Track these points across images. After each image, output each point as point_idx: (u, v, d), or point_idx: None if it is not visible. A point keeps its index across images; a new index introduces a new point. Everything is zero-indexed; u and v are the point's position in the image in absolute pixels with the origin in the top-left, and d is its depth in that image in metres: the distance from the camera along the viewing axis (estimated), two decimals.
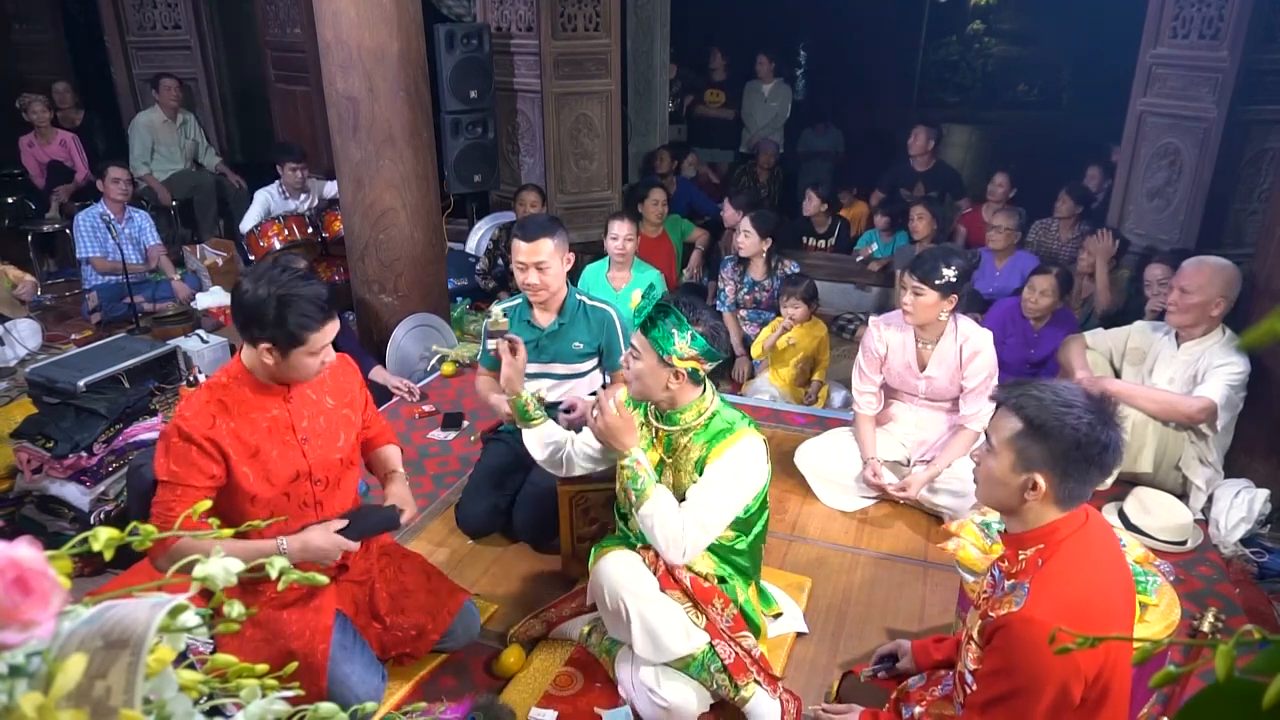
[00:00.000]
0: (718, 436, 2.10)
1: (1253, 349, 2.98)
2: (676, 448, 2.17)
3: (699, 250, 5.46)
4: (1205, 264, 3.07)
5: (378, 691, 2.13)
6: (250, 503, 2.00)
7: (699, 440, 2.13)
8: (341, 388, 2.20)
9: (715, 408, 2.16)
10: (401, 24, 3.88)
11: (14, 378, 4.24)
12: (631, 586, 2.08)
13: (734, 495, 2.09)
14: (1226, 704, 0.49)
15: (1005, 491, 1.58)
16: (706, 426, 2.13)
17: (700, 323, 2.05)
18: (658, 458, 2.20)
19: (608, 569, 2.12)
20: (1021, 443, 1.53)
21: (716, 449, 2.09)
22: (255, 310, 1.90)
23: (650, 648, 2.07)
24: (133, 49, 6.94)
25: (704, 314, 2.08)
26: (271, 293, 1.89)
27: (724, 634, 2.12)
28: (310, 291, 1.93)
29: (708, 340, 2.06)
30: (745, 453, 2.09)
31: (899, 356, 3.14)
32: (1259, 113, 4.30)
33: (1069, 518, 1.55)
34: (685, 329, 2.04)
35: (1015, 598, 1.49)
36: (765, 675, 2.15)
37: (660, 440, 2.20)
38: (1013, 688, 1.46)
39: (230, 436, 1.95)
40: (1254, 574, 2.89)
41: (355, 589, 2.23)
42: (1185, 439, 3.08)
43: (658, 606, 2.07)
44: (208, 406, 1.96)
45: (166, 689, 0.65)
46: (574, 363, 2.91)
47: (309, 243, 5.13)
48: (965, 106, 10.31)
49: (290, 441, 2.03)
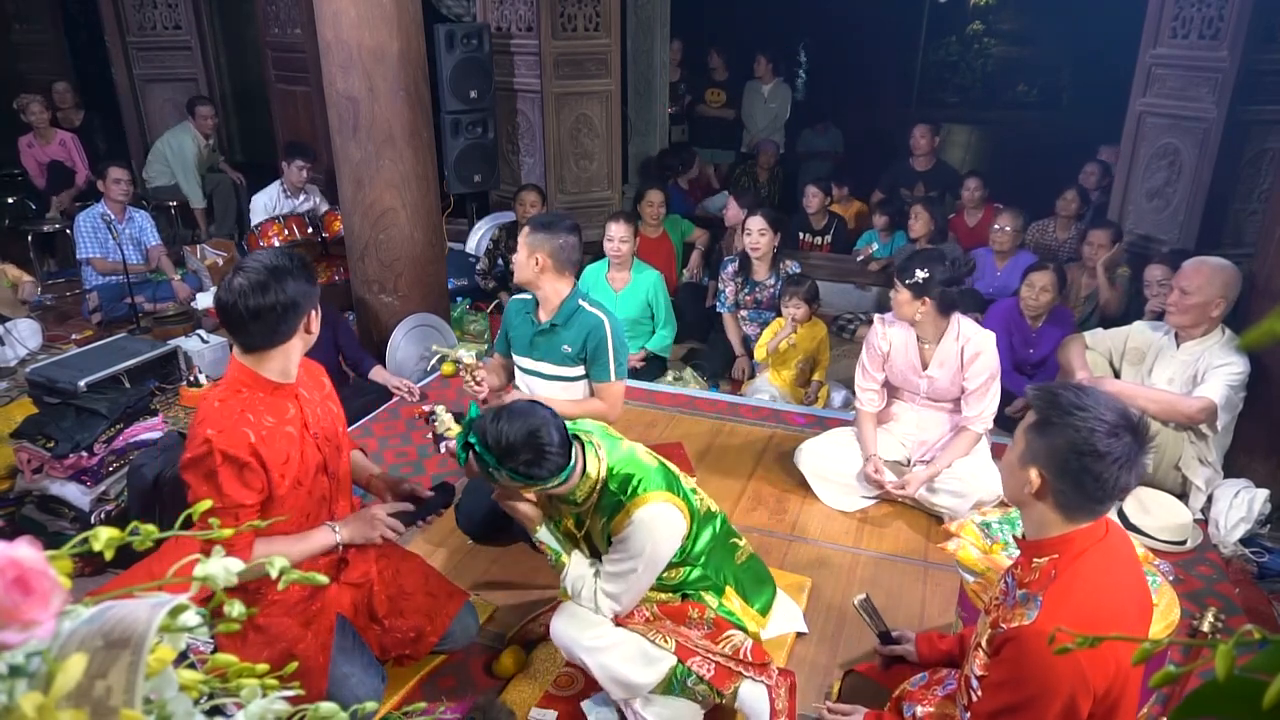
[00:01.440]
0: (615, 511, 2.03)
1: (1252, 349, 2.98)
2: (584, 522, 2.15)
3: (699, 250, 5.47)
4: (1205, 264, 3.07)
5: (377, 692, 2.13)
6: (285, 501, 1.95)
7: (600, 516, 2.08)
8: (317, 381, 2.17)
9: (600, 479, 2.03)
10: (401, 24, 3.88)
11: (14, 378, 4.24)
12: (584, 643, 2.07)
13: (642, 565, 2.02)
14: (1225, 700, 0.49)
15: (1012, 483, 1.59)
16: (599, 504, 2.06)
17: (508, 459, 1.89)
18: (569, 528, 2.18)
19: (559, 629, 2.12)
20: (1030, 435, 1.54)
21: (615, 523, 2.03)
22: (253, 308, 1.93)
23: (620, 689, 2.07)
24: (133, 49, 6.94)
25: (514, 441, 1.88)
26: (275, 284, 1.90)
27: (698, 649, 2.08)
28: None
29: (522, 474, 1.91)
30: (642, 525, 1.99)
31: (901, 355, 3.15)
32: (1259, 113, 4.30)
33: (1086, 531, 1.52)
34: (501, 470, 1.92)
35: (1027, 610, 1.47)
36: (753, 667, 2.11)
37: (569, 516, 2.17)
38: (1019, 700, 1.45)
39: (266, 447, 1.89)
40: (1254, 574, 2.89)
41: (354, 591, 2.23)
42: (1185, 439, 3.08)
43: (613, 651, 2.05)
44: (239, 422, 1.86)
45: (167, 689, 0.65)
46: (562, 365, 2.89)
47: (309, 243, 5.14)
48: (965, 106, 10.32)
49: (307, 438, 2.02)
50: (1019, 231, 4.69)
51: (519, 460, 1.89)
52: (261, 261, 1.90)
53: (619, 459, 2.07)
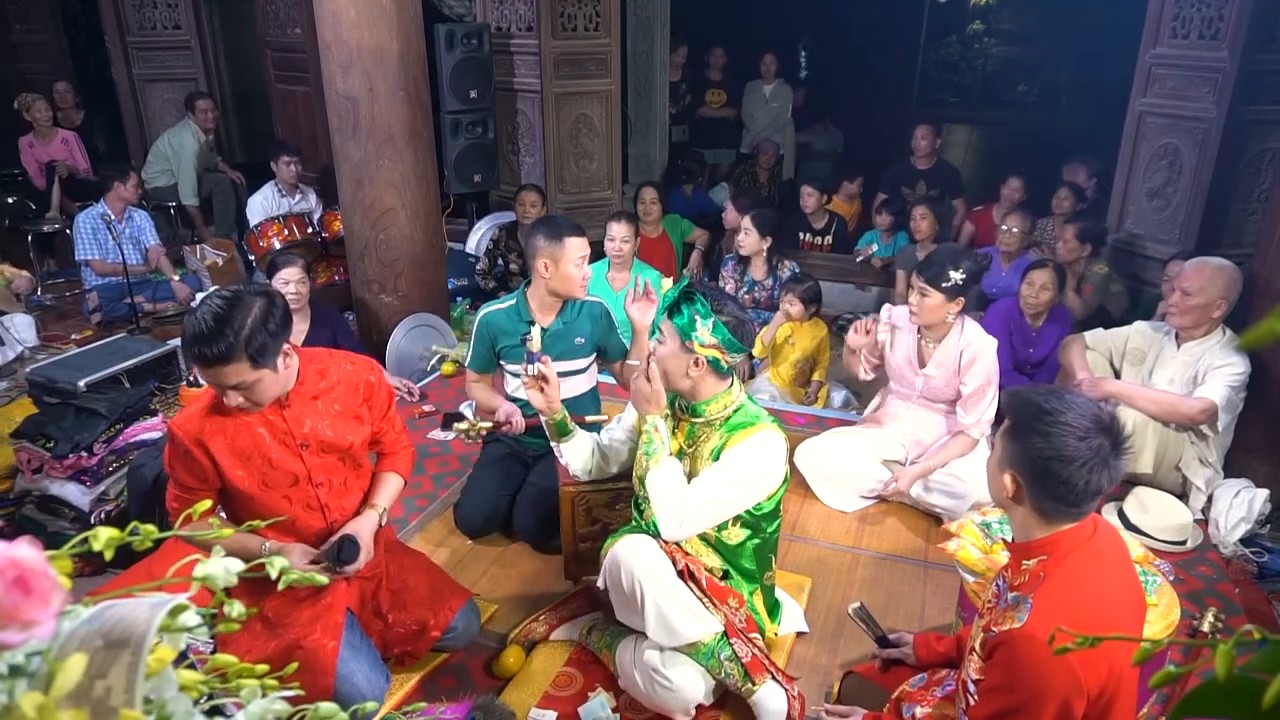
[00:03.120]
0: (737, 428, 2.11)
1: (1252, 349, 2.98)
2: (697, 439, 2.17)
3: (699, 250, 5.47)
4: (1206, 265, 3.06)
5: (381, 690, 2.13)
6: (250, 503, 2.01)
7: (719, 431, 2.13)
8: (352, 391, 2.13)
9: (740, 403, 2.16)
10: (401, 24, 3.88)
11: (14, 378, 4.24)
12: (648, 569, 2.06)
13: (744, 483, 2.07)
14: (1225, 699, 0.49)
15: (993, 487, 1.62)
16: (729, 420, 2.14)
17: (724, 312, 2.06)
18: (678, 446, 2.21)
19: (624, 551, 2.10)
20: (1004, 440, 1.56)
21: (734, 438, 2.09)
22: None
23: (663, 632, 2.07)
24: (133, 49, 6.94)
25: (729, 305, 2.09)
26: (192, 311, 1.89)
27: (740, 633, 2.12)
28: (199, 337, 1.81)
29: (730, 330, 2.05)
30: (762, 444, 2.08)
31: (901, 350, 3.15)
32: (1259, 113, 4.30)
33: (1071, 532, 1.53)
34: (708, 316, 2.04)
35: (1018, 613, 1.48)
36: (780, 672, 2.16)
37: (682, 430, 2.21)
38: (1014, 704, 1.45)
39: (220, 441, 1.96)
40: (1254, 574, 2.89)
41: (364, 584, 2.23)
42: (1185, 439, 3.08)
43: (672, 590, 2.06)
44: (201, 411, 1.98)
45: (167, 689, 0.66)
46: (577, 358, 2.93)
47: (309, 243, 5.14)
48: (965, 106, 10.31)
49: (289, 446, 2.02)
50: (1027, 233, 4.67)
51: (729, 317, 2.05)
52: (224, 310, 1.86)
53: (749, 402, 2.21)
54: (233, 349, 1.81)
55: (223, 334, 1.81)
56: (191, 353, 1.85)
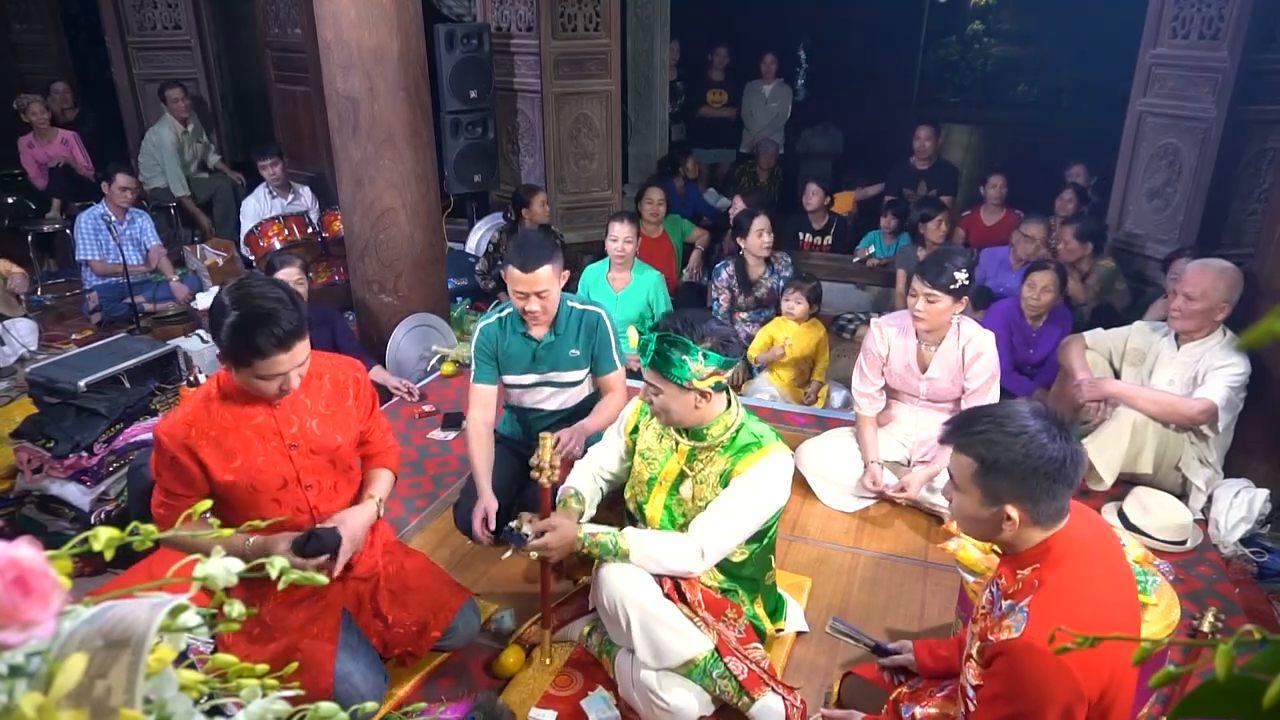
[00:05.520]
0: (744, 450, 2.11)
1: (1252, 349, 2.98)
2: (699, 461, 2.17)
3: (699, 250, 5.46)
4: (1209, 268, 3.04)
5: (380, 690, 2.13)
6: (239, 507, 1.99)
7: (724, 454, 2.13)
8: (340, 390, 2.14)
9: (740, 420, 2.16)
10: (401, 24, 3.88)
11: (14, 378, 4.24)
12: (631, 594, 2.06)
13: (760, 506, 2.09)
14: (1225, 699, 0.49)
15: (983, 526, 1.58)
16: (733, 441, 2.13)
17: (706, 338, 2.04)
18: (678, 469, 2.19)
19: (608, 576, 2.10)
20: (983, 480, 1.53)
21: (743, 463, 2.09)
22: (214, 319, 1.86)
23: (651, 654, 2.06)
24: (133, 49, 6.94)
25: (707, 326, 2.07)
26: (232, 308, 1.82)
27: (736, 650, 2.10)
28: (272, 317, 1.80)
29: (718, 350, 2.04)
30: (771, 470, 2.09)
31: (900, 358, 3.14)
32: (1259, 113, 4.30)
33: (1061, 534, 1.53)
34: (695, 352, 2.02)
35: (1014, 621, 1.47)
36: (780, 684, 2.14)
37: (682, 454, 2.19)
38: (1015, 712, 1.45)
39: (208, 444, 1.95)
40: (1254, 574, 2.89)
41: (360, 585, 2.23)
42: (1185, 440, 3.08)
43: (659, 613, 2.06)
44: (187, 415, 1.96)
45: (167, 689, 0.66)
46: (570, 370, 2.89)
47: (309, 242, 5.13)
48: (965, 106, 10.32)
49: (277, 447, 2.02)
50: (1044, 242, 4.49)
51: (713, 341, 2.02)
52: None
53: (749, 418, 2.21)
54: (303, 320, 1.84)
55: (292, 306, 1.83)
56: (268, 335, 1.78)
